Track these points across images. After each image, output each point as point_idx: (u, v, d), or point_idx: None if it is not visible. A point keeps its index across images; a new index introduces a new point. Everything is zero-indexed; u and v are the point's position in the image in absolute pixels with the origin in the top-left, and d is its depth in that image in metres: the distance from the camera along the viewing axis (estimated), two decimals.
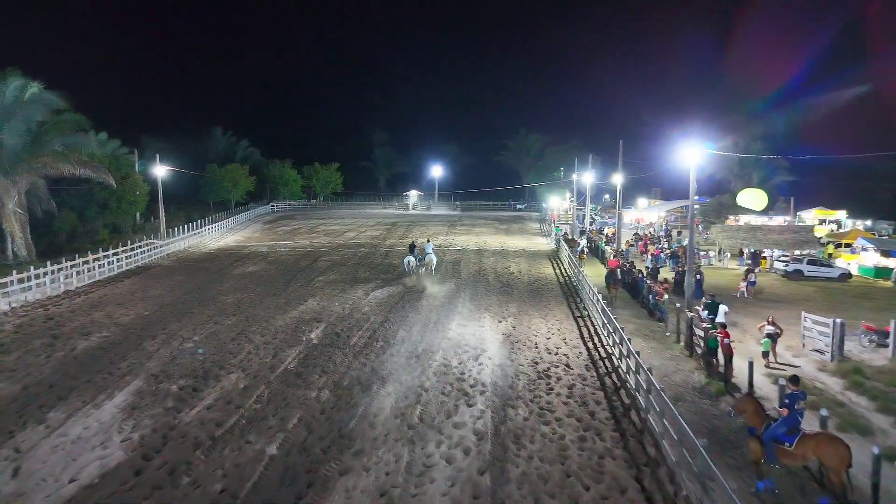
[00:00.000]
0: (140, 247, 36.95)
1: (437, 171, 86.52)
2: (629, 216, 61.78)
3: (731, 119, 62.39)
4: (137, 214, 54.97)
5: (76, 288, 28.30)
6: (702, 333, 17.75)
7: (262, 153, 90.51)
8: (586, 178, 47.15)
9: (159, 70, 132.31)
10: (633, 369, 14.08)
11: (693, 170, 18.94)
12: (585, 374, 16.10)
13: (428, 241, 36.19)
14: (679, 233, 48.14)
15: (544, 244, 47.28)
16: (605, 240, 39.89)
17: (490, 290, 28.23)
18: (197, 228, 49.06)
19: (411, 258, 31.01)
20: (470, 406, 13.78)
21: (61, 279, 27.81)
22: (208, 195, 73.11)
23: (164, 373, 16.30)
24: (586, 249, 35.60)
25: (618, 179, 34.46)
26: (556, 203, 59.94)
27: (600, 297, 21.43)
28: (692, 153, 18.84)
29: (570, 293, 27.82)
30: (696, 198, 76.53)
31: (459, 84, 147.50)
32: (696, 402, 14.76)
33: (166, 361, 17.29)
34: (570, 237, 42.80)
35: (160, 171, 45.71)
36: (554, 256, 40.21)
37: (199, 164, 74.89)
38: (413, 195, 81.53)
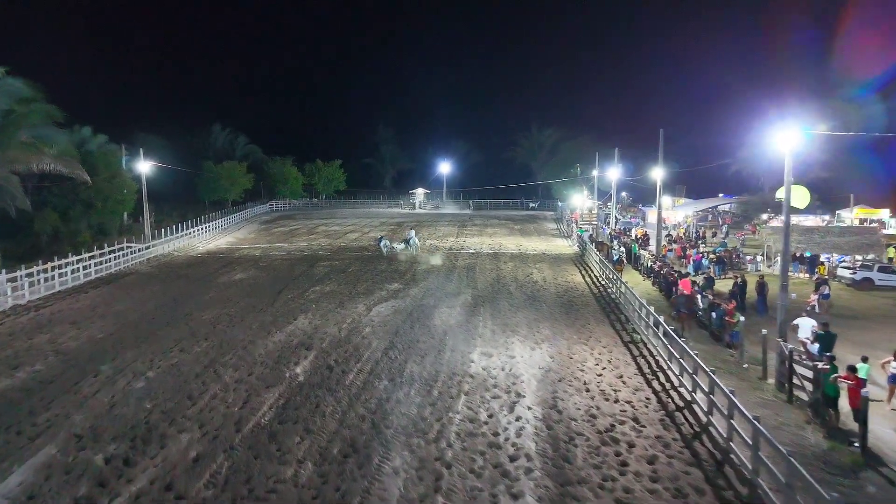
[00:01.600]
0: (114, 251, 32.74)
1: (445, 167, 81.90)
2: (653, 215, 57.15)
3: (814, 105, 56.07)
4: (125, 214, 50.99)
5: (28, 302, 24.11)
6: (809, 374, 13.40)
7: (262, 150, 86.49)
8: (611, 173, 42.69)
9: (158, 65, 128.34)
10: (752, 444, 9.70)
11: (788, 157, 14.55)
12: (665, 435, 11.74)
13: (411, 228, 42.49)
14: (714, 234, 43.65)
15: (565, 246, 42.91)
16: (637, 243, 35.44)
17: (514, 304, 23.91)
18: (187, 229, 44.93)
19: (386, 242, 36.84)
20: (515, 498, 9.46)
21: (9, 292, 23.61)
22: (205, 194, 69.14)
23: (93, 431, 12.06)
24: (624, 258, 31.18)
25: (658, 174, 30.00)
26: (579, 202, 55.30)
27: (660, 319, 17.02)
28: (788, 136, 14.46)
29: (609, 308, 23.44)
30: (721, 195, 71.48)
31: (467, 77, 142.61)
32: (828, 479, 10.38)
33: (101, 412, 13.04)
34: (597, 239, 38.38)
35: (144, 166, 41.58)
36: (579, 261, 35.84)
37: (197, 161, 70.85)
38: (419, 193, 77.14)
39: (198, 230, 46.43)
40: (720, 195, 68.43)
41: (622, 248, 32.32)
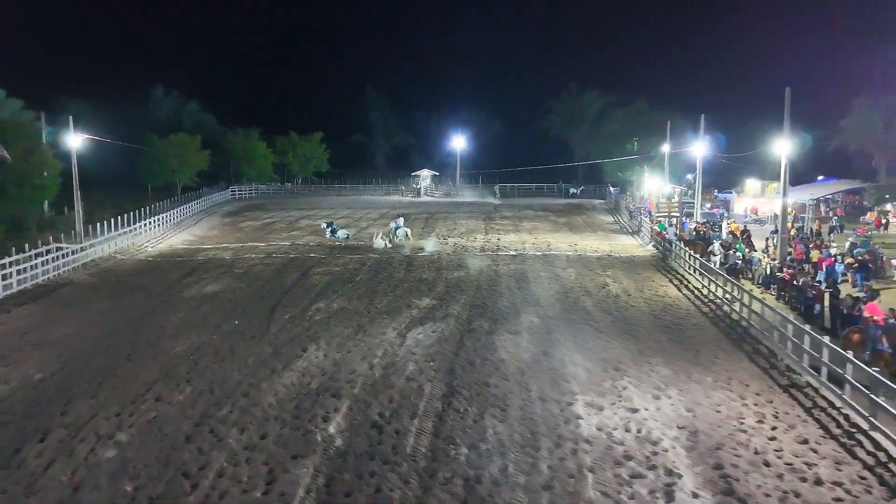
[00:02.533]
0: (41, 255, 31.00)
1: (458, 142, 79.93)
2: (739, 203, 55.63)
3: None
4: (46, 204, 49.22)
5: None
6: None
7: (218, 120, 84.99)
8: (696, 149, 40.94)
9: (84, 13, 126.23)
10: None
11: None
12: None
13: (399, 216, 44.00)
14: (831, 230, 41.96)
15: (635, 246, 41.29)
16: (740, 241, 33.68)
17: (600, 329, 22.15)
18: (130, 224, 43.15)
19: (343, 233, 42.61)
20: None
21: None
22: (148, 177, 67.42)
23: None
24: (743, 265, 29.32)
25: (784, 148, 28.17)
26: (656, 186, 53.63)
27: (849, 355, 15.22)
28: None
29: (737, 335, 21.67)
30: (820, 178, 70.07)
31: (485, 27, 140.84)
32: None
33: (61, 500, 11.24)
34: (687, 238, 36.63)
35: (75, 140, 39.71)
36: (662, 266, 34.17)
37: (137, 135, 69.08)
38: (426, 176, 75.52)
39: (144, 226, 44.72)
40: (819, 178, 66.96)
41: (735, 252, 30.45)
